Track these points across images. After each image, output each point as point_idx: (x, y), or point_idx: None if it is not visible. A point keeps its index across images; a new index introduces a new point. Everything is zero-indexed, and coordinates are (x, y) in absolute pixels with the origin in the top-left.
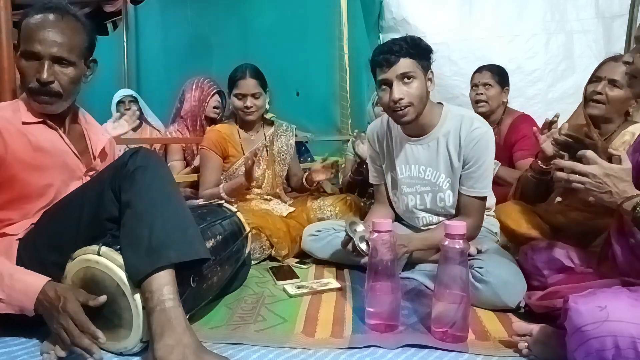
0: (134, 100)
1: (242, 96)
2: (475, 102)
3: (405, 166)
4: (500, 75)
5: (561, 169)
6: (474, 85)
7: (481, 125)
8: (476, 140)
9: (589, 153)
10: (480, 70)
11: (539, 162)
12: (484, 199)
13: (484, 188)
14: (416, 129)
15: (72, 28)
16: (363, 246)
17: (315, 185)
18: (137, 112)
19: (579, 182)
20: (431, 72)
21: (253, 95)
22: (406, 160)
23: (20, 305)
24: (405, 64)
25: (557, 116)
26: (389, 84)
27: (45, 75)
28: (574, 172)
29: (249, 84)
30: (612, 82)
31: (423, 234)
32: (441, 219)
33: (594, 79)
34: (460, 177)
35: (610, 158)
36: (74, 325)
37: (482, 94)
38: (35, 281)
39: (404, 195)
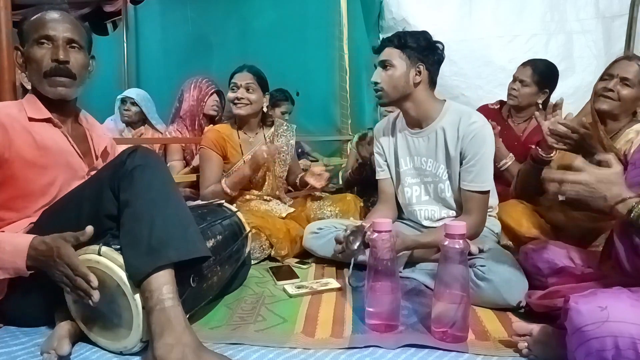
0: (135, 103)
1: (235, 87)
2: (507, 94)
3: (409, 158)
4: (541, 76)
5: (553, 181)
6: (514, 78)
7: (479, 120)
8: (473, 133)
9: (577, 162)
10: (525, 64)
11: (539, 150)
12: (485, 194)
13: (484, 182)
14: (416, 121)
15: (76, 22)
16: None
17: (308, 188)
18: None
19: (572, 191)
20: (421, 65)
21: (247, 88)
22: (409, 153)
23: (14, 266)
24: (387, 53)
25: (561, 99)
26: (376, 67)
27: (62, 54)
28: (564, 182)
29: (243, 76)
30: (624, 80)
31: (423, 234)
32: (443, 212)
33: (606, 76)
34: (460, 172)
35: (600, 162)
36: (70, 270)
37: (515, 89)
38: (22, 239)
39: (408, 186)
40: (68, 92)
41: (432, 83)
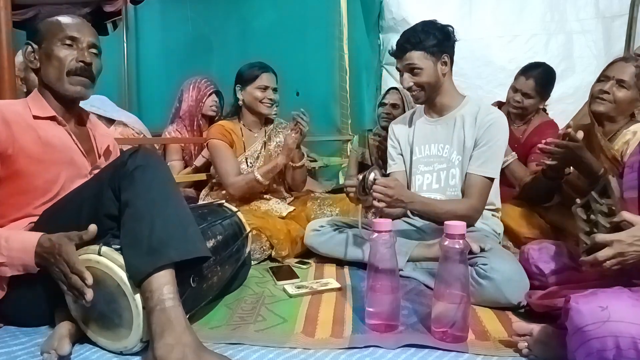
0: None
1: (265, 88)
2: (509, 104)
3: (425, 146)
4: (543, 86)
5: (592, 265)
6: (514, 88)
7: (496, 111)
8: (490, 122)
9: (599, 237)
10: (527, 75)
11: (549, 171)
12: (489, 181)
13: (493, 169)
14: (438, 110)
15: (94, 29)
16: (372, 177)
17: (298, 160)
18: None
19: (614, 265)
20: (446, 55)
21: (274, 90)
22: (426, 141)
23: (22, 263)
24: (411, 57)
25: (569, 126)
26: (401, 72)
27: (88, 57)
28: (599, 261)
29: (272, 78)
30: (620, 82)
31: (426, 198)
32: None
33: (602, 78)
34: (471, 157)
35: (619, 225)
36: (68, 267)
37: (519, 102)
38: (30, 237)
39: (420, 174)
40: (86, 92)
41: (452, 64)
